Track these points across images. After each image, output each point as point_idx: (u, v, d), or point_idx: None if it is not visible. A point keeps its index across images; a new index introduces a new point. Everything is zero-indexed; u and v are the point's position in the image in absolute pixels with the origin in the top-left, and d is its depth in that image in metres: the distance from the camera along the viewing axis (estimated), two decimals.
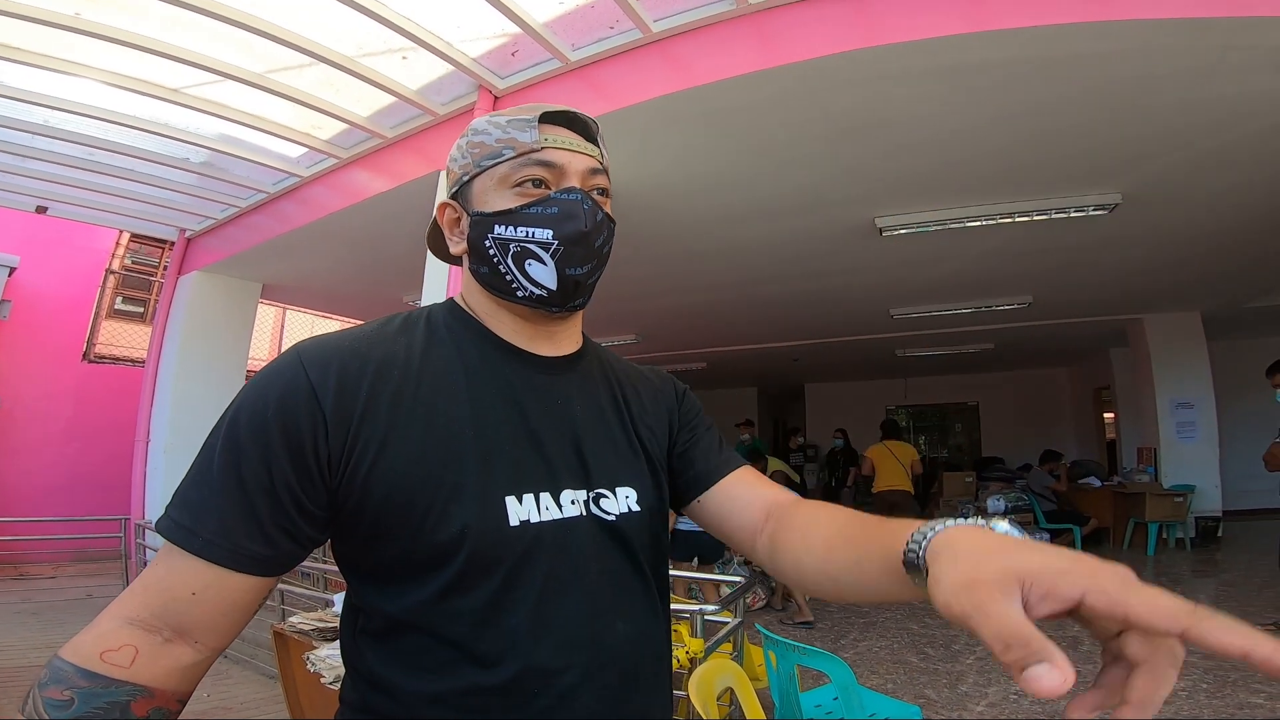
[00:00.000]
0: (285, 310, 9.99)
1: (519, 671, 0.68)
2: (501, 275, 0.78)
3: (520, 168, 0.78)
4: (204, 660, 0.66)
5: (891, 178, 4.11)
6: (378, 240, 5.26)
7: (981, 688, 3.68)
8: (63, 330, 8.03)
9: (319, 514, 0.68)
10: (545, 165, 0.78)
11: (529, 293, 0.78)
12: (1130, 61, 2.89)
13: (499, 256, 0.78)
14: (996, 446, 12.08)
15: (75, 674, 0.60)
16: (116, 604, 0.65)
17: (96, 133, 4.38)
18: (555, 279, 0.77)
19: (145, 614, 0.64)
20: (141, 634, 0.63)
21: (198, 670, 0.66)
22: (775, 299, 7.06)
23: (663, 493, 0.88)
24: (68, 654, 0.61)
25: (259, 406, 0.66)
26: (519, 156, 0.78)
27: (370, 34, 3.27)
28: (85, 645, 0.61)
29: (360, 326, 0.77)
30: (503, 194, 0.78)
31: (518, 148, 0.78)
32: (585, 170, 0.80)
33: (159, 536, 0.67)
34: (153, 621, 0.63)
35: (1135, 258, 5.68)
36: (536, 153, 0.77)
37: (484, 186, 0.80)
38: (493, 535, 0.69)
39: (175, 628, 0.64)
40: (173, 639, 0.64)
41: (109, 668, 0.60)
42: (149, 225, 6.33)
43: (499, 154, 0.78)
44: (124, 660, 0.61)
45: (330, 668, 2.18)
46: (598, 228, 0.78)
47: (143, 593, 0.65)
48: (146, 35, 3.27)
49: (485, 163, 0.79)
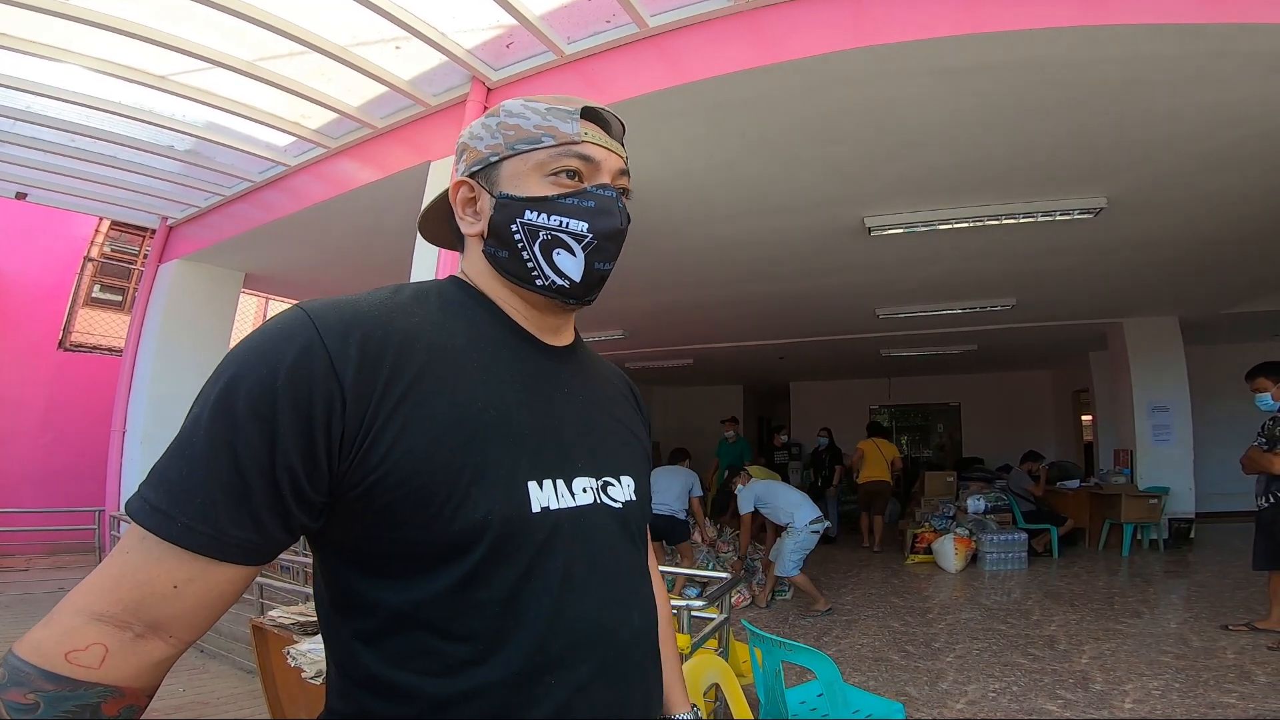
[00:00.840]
0: (268, 300, 9.87)
1: (537, 666, 0.66)
2: (523, 262, 0.77)
3: (559, 157, 0.77)
4: (175, 654, 0.61)
5: (882, 177, 4.13)
6: (364, 231, 5.21)
7: (961, 685, 3.72)
8: (38, 318, 7.89)
9: (317, 500, 0.62)
10: (583, 159, 0.78)
11: (550, 282, 0.77)
12: (1121, 66, 2.92)
13: (525, 242, 0.77)
14: (977, 447, 12.22)
15: (38, 676, 0.54)
16: (79, 596, 0.58)
17: (79, 119, 4.30)
18: (582, 271, 0.77)
19: (115, 609, 0.57)
20: (111, 631, 0.57)
21: (169, 664, 0.61)
22: (763, 297, 7.08)
23: (648, 486, 0.90)
24: (27, 653, 0.55)
25: (263, 374, 0.59)
26: (559, 146, 0.77)
27: (365, 23, 3.22)
28: (47, 644, 0.55)
29: (371, 293, 0.72)
30: (537, 180, 0.77)
31: (559, 137, 0.77)
32: (616, 170, 0.81)
33: (129, 520, 0.60)
34: (123, 617, 0.57)
35: (1117, 262, 5.76)
36: (576, 145, 0.77)
37: (516, 170, 0.78)
38: (516, 522, 0.66)
39: (149, 623, 0.58)
40: (145, 634, 0.58)
41: (76, 669, 0.55)
42: (130, 213, 6.23)
43: (538, 140, 0.77)
44: (92, 661, 0.55)
45: (311, 662, 2.15)
46: (628, 227, 0.81)
47: (114, 586, 0.58)
48: (135, 21, 3.20)
49: (521, 146, 0.78)
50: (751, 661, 2.91)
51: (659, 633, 0.88)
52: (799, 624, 5.06)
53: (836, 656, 4.14)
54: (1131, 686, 3.61)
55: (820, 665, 2.52)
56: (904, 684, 3.75)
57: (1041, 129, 3.50)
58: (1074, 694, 3.55)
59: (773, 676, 2.62)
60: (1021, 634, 4.63)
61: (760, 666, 2.73)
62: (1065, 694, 3.56)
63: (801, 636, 4.67)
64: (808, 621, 5.11)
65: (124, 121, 4.28)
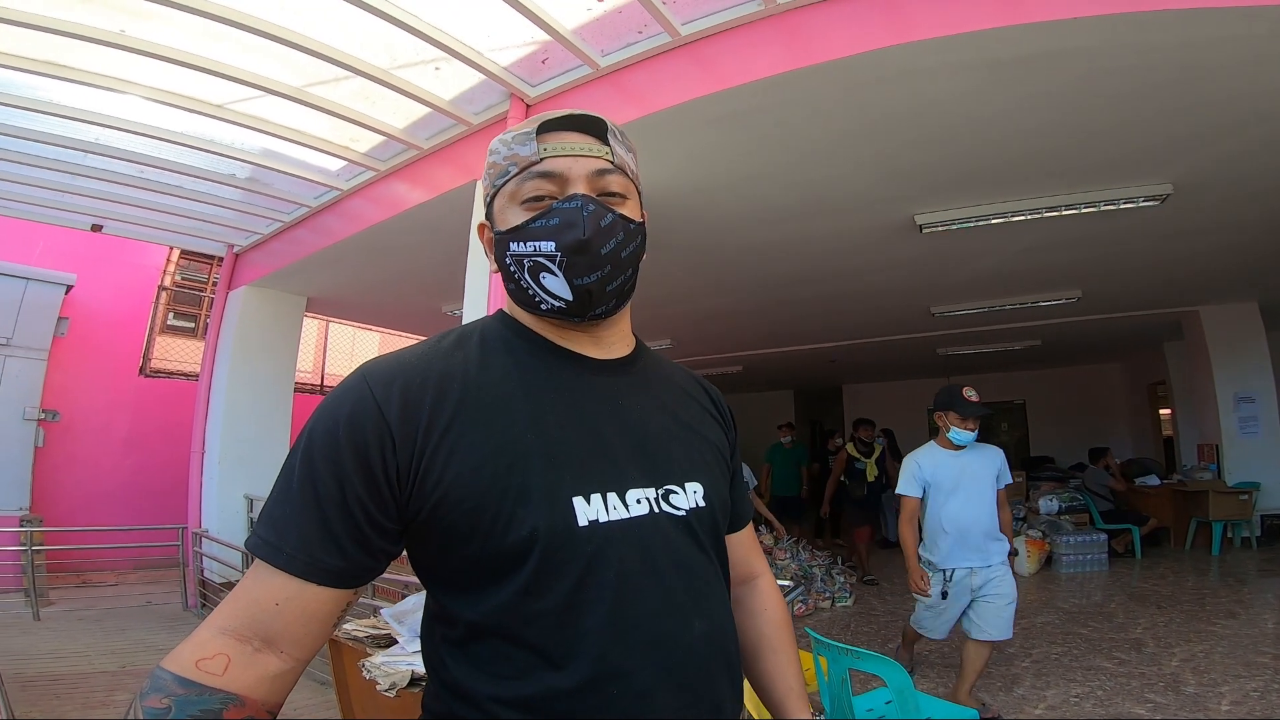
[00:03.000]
0: (328, 323, 10.23)
1: (597, 673, 0.68)
2: (524, 290, 0.79)
3: (524, 182, 0.79)
4: (290, 670, 0.68)
5: (929, 174, 4.03)
6: (416, 251, 5.35)
7: (1039, 690, 3.57)
8: (120, 346, 8.33)
9: (390, 526, 0.70)
10: (546, 176, 0.78)
11: (550, 305, 0.79)
12: (1174, 52, 2.80)
13: (518, 272, 0.79)
14: (1045, 446, 11.74)
15: (173, 682, 0.63)
16: (213, 615, 0.68)
17: (146, 150, 4.53)
18: (569, 290, 0.77)
19: (236, 624, 0.67)
20: (234, 643, 0.66)
21: (285, 681, 0.68)
22: (811, 299, 6.97)
23: (727, 490, 0.88)
24: (168, 663, 0.64)
25: (330, 425, 0.70)
26: (521, 171, 0.79)
27: (403, 45, 3.33)
28: (183, 654, 0.65)
29: (417, 344, 0.80)
30: (514, 210, 0.79)
31: (519, 162, 0.79)
32: (590, 173, 0.79)
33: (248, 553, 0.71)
34: (243, 631, 0.66)
35: (1188, 248, 5.47)
36: (536, 165, 0.78)
37: (500, 205, 0.81)
38: (562, 536, 0.70)
39: (263, 637, 0.67)
40: (261, 649, 0.66)
41: (204, 675, 0.63)
42: (199, 241, 6.58)
43: (506, 171, 0.80)
44: (217, 668, 0.64)
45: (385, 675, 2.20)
46: (602, 233, 0.77)
47: (233, 604, 0.68)
48: (188, 50, 3.37)
49: (498, 182, 0.81)
50: (815, 669, 2.85)
51: (770, 639, 0.97)
52: (861, 631, 4.93)
53: None
54: (1228, 689, 3.42)
55: (890, 672, 2.45)
56: (976, 690, 3.61)
57: (1096, 118, 3.37)
58: (1164, 698, 3.38)
59: (838, 684, 2.56)
60: (1105, 637, 4.42)
61: (824, 675, 2.67)
62: (1155, 698, 3.39)
63: (865, 644, 4.55)
64: (870, 629, 4.98)
65: (187, 151, 4.49)
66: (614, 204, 0.80)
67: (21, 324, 7.17)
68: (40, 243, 7.44)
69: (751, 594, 1.00)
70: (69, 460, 7.66)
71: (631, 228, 0.80)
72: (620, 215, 0.79)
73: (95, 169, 4.82)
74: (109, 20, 3.19)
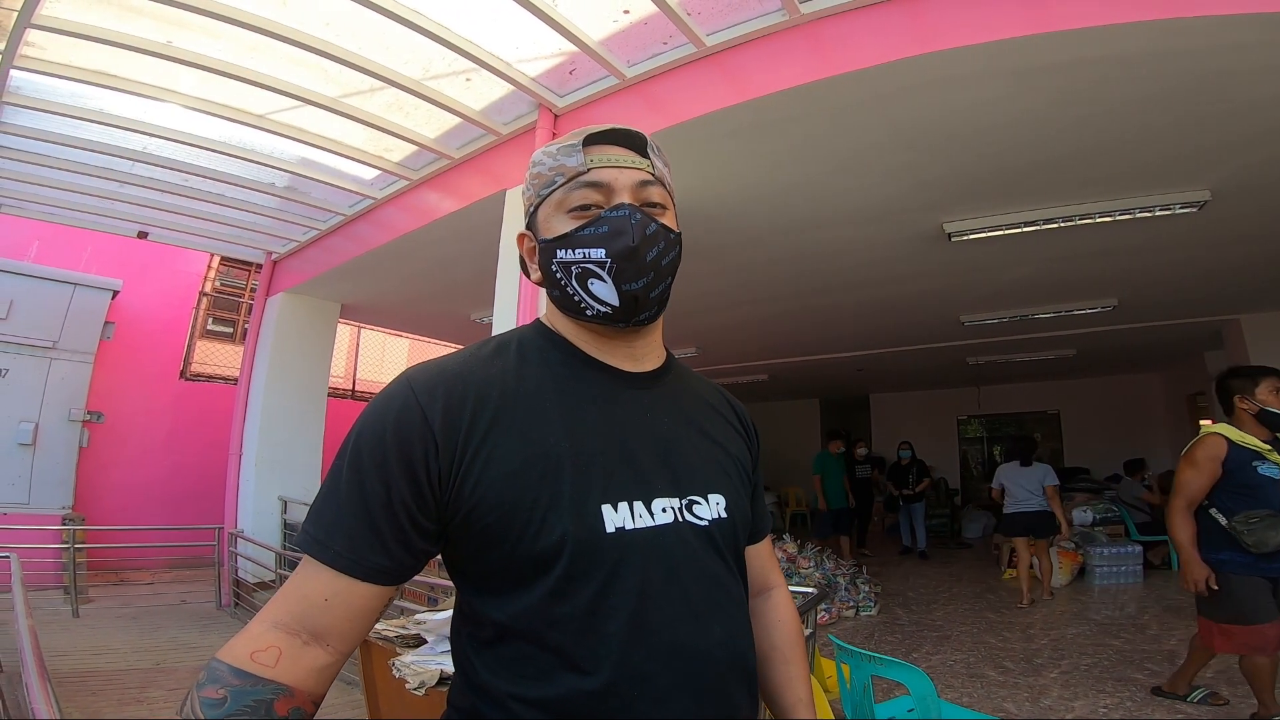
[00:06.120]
0: (360, 329, 10.43)
1: (617, 677, 0.71)
2: (570, 296, 0.83)
3: (571, 191, 0.82)
4: (334, 663, 0.72)
5: (959, 182, 4.01)
6: (448, 259, 5.44)
7: (1067, 701, 3.51)
8: (161, 350, 8.58)
9: (430, 527, 0.74)
10: (594, 186, 0.82)
11: (596, 310, 0.82)
12: (1207, 59, 2.76)
13: (565, 279, 0.82)
14: (1080, 457, 11.47)
15: (229, 673, 0.66)
16: (265, 610, 0.72)
17: (189, 158, 4.68)
18: (616, 295, 0.81)
19: (287, 618, 0.70)
20: (285, 636, 0.70)
21: (329, 673, 0.72)
22: (838, 308, 6.93)
23: (747, 503, 0.91)
24: (223, 655, 0.68)
25: (377, 430, 0.73)
26: (569, 181, 0.82)
27: (435, 57, 3.42)
28: (238, 647, 0.68)
29: (458, 353, 0.84)
30: (561, 219, 0.83)
31: (566, 172, 0.82)
32: (634, 184, 0.83)
33: (297, 551, 0.76)
34: (293, 625, 0.70)
35: (1229, 256, 5.34)
36: (584, 175, 0.82)
37: (545, 214, 0.85)
38: (590, 542, 0.73)
39: (311, 631, 0.70)
40: (310, 642, 0.70)
41: (258, 666, 0.67)
42: (239, 249, 6.75)
43: (552, 181, 0.83)
44: (270, 660, 0.68)
45: (415, 674, 2.25)
46: (648, 241, 0.80)
47: (284, 600, 0.72)
48: (231, 62, 3.49)
49: (544, 191, 0.85)
50: (838, 677, 2.84)
51: (781, 650, 0.99)
52: (885, 640, 4.89)
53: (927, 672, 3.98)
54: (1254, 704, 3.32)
55: (913, 679, 2.44)
56: (1001, 700, 3.57)
57: (1129, 125, 3.33)
58: (1197, 710, 3.29)
59: (860, 691, 2.55)
60: (1137, 649, 4.32)
61: (847, 684, 2.67)
62: (1188, 710, 3.31)
63: (889, 652, 4.50)
64: (895, 638, 4.93)
65: (229, 160, 4.64)
66: (656, 214, 0.83)
67: (69, 328, 7.44)
68: (88, 249, 7.72)
69: (767, 605, 1.02)
70: (111, 461, 7.88)
71: (671, 237, 0.85)
72: (662, 225, 0.83)
73: (141, 177, 4.98)
74: (158, 32, 3.32)
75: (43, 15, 3.11)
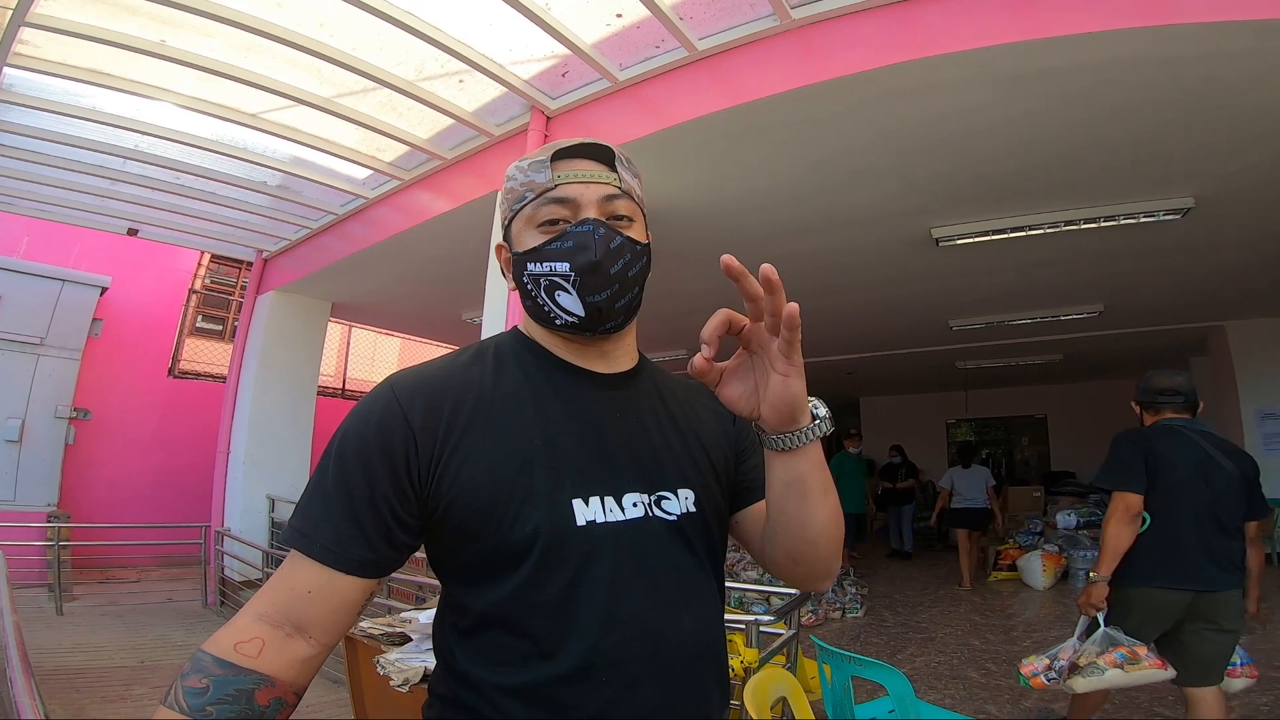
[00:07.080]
0: (351, 328, 10.40)
1: (588, 662, 0.74)
2: (540, 307, 0.86)
3: (540, 207, 0.85)
4: (317, 655, 0.75)
5: (947, 187, 4.05)
6: (439, 259, 5.45)
7: (1048, 703, 3.55)
8: (149, 346, 8.53)
9: (411, 522, 0.77)
10: (560, 201, 0.84)
11: (564, 320, 0.84)
12: (1196, 65, 2.80)
13: (535, 290, 0.85)
14: (1067, 461, 11.56)
15: (212, 663, 0.69)
16: (250, 603, 0.75)
17: (181, 156, 4.67)
18: (581, 306, 0.83)
19: (271, 610, 0.73)
20: (268, 628, 0.72)
21: (312, 665, 0.75)
22: (828, 312, 6.97)
23: (722, 496, 0.93)
24: (208, 646, 0.71)
25: (361, 430, 0.77)
26: (538, 197, 0.85)
27: (428, 58, 3.44)
28: (223, 638, 0.71)
29: (438, 359, 0.88)
30: (531, 233, 0.85)
31: (536, 188, 0.85)
32: (600, 198, 0.85)
33: (284, 547, 0.79)
34: (277, 617, 0.73)
35: (1212, 262, 5.42)
36: (551, 191, 0.84)
37: (518, 229, 0.88)
38: (561, 535, 0.76)
39: (295, 623, 0.73)
40: (293, 634, 0.73)
41: (240, 657, 0.70)
42: (229, 247, 6.74)
43: (523, 197, 0.86)
44: (253, 651, 0.71)
45: (399, 671, 2.26)
46: (611, 255, 0.82)
47: (270, 592, 0.75)
48: (224, 61, 3.50)
49: (516, 206, 0.87)
50: (820, 678, 2.86)
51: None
52: (870, 641, 4.92)
53: (910, 674, 4.00)
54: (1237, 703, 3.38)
55: (891, 680, 2.47)
56: (983, 702, 3.61)
57: (1116, 131, 3.37)
58: (1174, 711, 3.35)
59: (841, 692, 2.57)
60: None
61: (829, 683, 2.69)
62: (1165, 711, 3.38)
63: (874, 654, 4.53)
64: (880, 640, 4.97)
65: (220, 158, 4.64)
66: (622, 227, 0.85)
67: (56, 324, 7.39)
68: (77, 245, 7.67)
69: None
70: (98, 458, 7.84)
71: (638, 249, 0.86)
72: (628, 238, 0.85)
73: (132, 174, 4.97)
74: (152, 31, 3.33)
75: (37, 13, 3.11)
